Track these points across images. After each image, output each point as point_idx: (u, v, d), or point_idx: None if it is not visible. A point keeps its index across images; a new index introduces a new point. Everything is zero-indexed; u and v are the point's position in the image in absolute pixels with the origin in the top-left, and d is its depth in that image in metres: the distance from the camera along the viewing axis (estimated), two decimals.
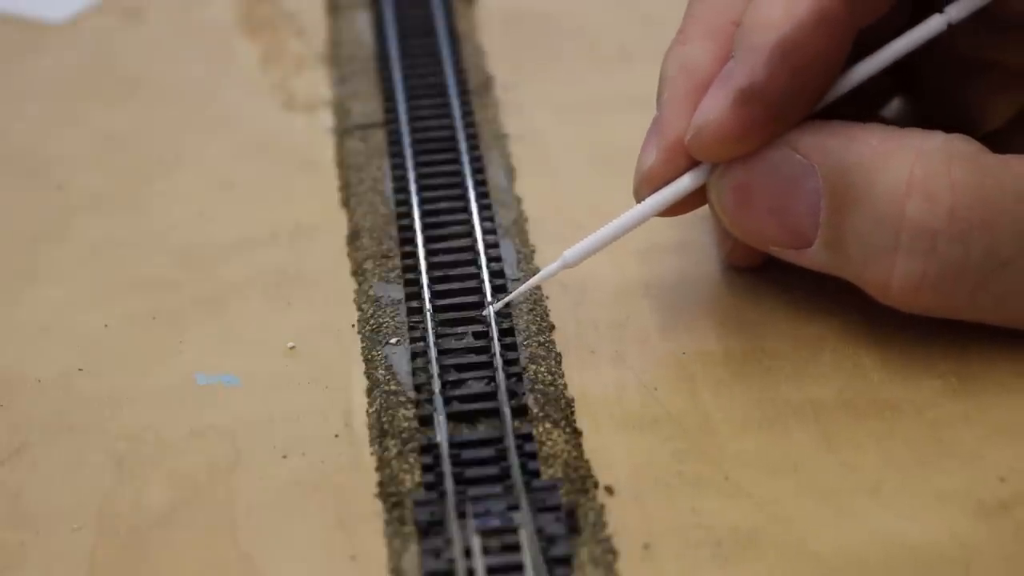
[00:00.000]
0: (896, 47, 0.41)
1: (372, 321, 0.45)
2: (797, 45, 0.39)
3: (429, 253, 0.47)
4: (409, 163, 0.51)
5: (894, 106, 0.49)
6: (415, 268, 0.46)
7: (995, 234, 0.38)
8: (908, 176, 0.38)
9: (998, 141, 0.40)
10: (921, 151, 0.39)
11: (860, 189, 0.39)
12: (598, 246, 0.42)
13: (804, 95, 0.40)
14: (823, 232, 0.40)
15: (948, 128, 0.39)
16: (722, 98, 0.40)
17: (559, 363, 0.43)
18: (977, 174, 0.38)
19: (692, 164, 0.41)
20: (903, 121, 0.48)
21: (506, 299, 0.44)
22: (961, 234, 0.38)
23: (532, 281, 0.43)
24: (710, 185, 0.41)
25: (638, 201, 0.42)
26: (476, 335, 0.44)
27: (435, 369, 0.42)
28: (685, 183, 0.42)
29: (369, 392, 0.42)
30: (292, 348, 0.44)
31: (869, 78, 0.41)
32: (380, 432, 0.41)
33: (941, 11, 0.41)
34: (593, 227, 0.42)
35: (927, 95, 0.47)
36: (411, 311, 0.45)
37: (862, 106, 0.42)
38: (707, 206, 0.42)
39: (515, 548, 0.37)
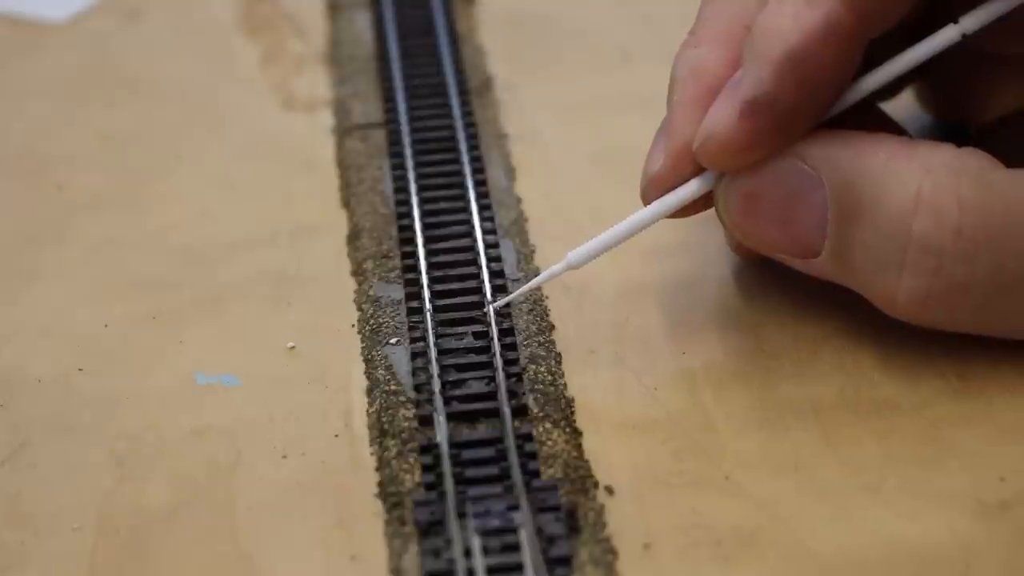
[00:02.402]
0: (907, 58, 0.40)
1: (372, 321, 0.45)
2: (806, 56, 0.39)
3: (429, 253, 0.47)
4: (409, 163, 0.51)
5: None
6: (415, 268, 0.46)
7: (1002, 253, 0.38)
8: (916, 193, 0.38)
9: (1005, 128, 0.40)
10: (930, 167, 0.38)
11: (867, 204, 0.39)
12: (603, 248, 0.42)
13: (812, 106, 0.40)
14: (829, 244, 0.40)
15: (953, 115, 0.39)
16: (729, 108, 0.39)
17: (559, 363, 0.43)
18: (986, 192, 0.38)
19: (700, 169, 0.41)
20: (908, 105, 0.49)
21: (507, 299, 0.44)
22: (967, 253, 0.38)
23: (535, 281, 0.43)
24: (717, 192, 0.41)
25: (645, 204, 0.42)
26: (476, 335, 0.44)
27: (435, 369, 0.42)
28: (692, 188, 0.42)
29: (369, 392, 0.42)
30: (292, 348, 0.44)
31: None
32: (380, 432, 0.41)
33: (955, 21, 0.40)
34: (593, 228, 0.42)
35: (934, 81, 0.47)
36: (411, 311, 0.45)
37: (874, 94, 0.42)
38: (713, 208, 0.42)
39: (515, 548, 0.37)
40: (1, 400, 0.43)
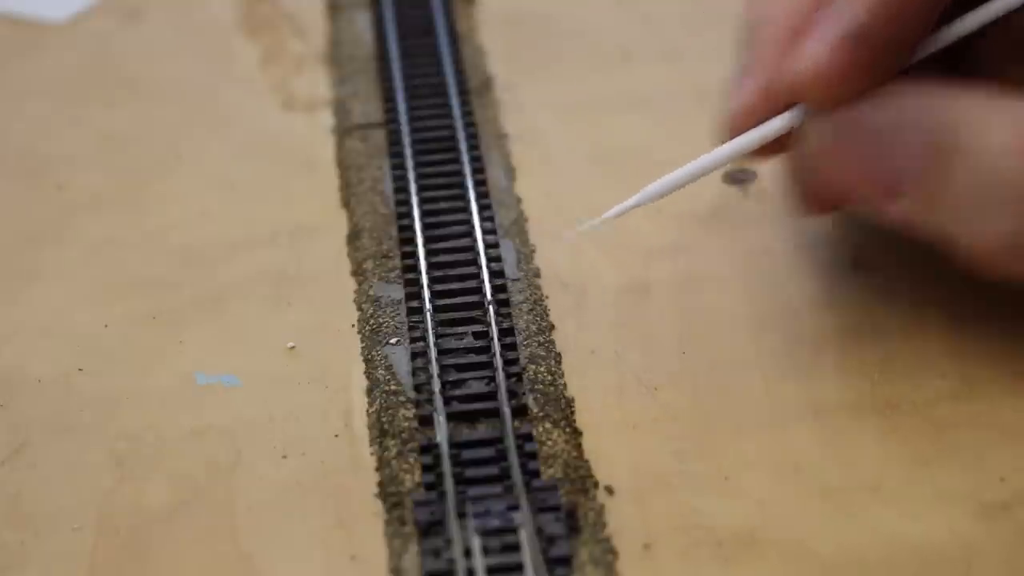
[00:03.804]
0: (989, 9, 0.40)
1: (372, 321, 0.45)
2: None
3: (429, 253, 0.47)
4: (409, 163, 0.51)
5: None
6: (415, 268, 0.46)
7: None
8: (1012, 138, 0.38)
9: None
10: None
11: (962, 144, 0.38)
12: (680, 183, 0.41)
13: (904, 43, 0.39)
14: (917, 187, 0.39)
15: None
16: (826, 41, 0.39)
17: (559, 363, 0.43)
18: None
19: (786, 106, 0.41)
20: None
21: (603, 216, 0.41)
22: None
23: (629, 203, 0.41)
24: (804, 128, 0.41)
25: (729, 138, 0.41)
26: (476, 335, 0.44)
27: (435, 369, 0.42)
28: (778, 124, 0.41)
29: (369, 392, 0.42)
30: (292, 348, 0.44)
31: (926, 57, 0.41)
32: (380, 432, 0.41)
33: None
34: None
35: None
36: (411, 311, 0.45)
37: None
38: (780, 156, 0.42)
39: (515, 548, 0.37)
40: (1, 400, 0.43)
